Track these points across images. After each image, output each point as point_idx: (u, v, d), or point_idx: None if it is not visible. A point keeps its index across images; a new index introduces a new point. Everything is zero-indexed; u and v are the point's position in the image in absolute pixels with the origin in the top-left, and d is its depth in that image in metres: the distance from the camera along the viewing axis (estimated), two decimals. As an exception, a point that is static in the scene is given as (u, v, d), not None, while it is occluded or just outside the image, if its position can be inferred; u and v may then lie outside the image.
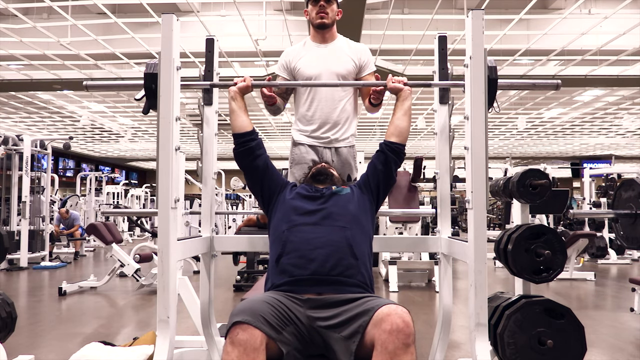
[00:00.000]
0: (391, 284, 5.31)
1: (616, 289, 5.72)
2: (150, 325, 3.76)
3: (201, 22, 7.28)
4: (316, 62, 2.28)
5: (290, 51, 2.36)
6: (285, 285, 1.60)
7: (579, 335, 1.67)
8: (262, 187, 1.90)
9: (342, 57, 2.29)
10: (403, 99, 1.97)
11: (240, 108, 1.95)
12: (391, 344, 1.32)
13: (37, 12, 7.49)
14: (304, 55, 2.30)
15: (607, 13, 6.91)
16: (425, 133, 15.87)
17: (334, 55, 2.29)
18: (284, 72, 2.35)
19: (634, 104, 11.99)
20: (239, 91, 1.96)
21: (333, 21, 2.30)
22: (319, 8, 2.24)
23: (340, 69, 2.27)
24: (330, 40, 2.33)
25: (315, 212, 1.75)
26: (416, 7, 7.62)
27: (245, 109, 1.97)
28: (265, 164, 1.91)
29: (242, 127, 1.93)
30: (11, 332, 2.06)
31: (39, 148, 7.94)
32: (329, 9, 2.25)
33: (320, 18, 2.24)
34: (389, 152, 1.91)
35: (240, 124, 1.93)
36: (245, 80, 1.95)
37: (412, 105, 2.02)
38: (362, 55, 2.33)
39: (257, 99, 11.89)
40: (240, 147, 1.92)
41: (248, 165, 1.91)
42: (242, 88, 1.95)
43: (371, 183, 1.89)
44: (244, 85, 1.95)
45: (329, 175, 1.96)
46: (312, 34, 2.35)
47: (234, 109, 1.95)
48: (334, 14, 2.28)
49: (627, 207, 2.54)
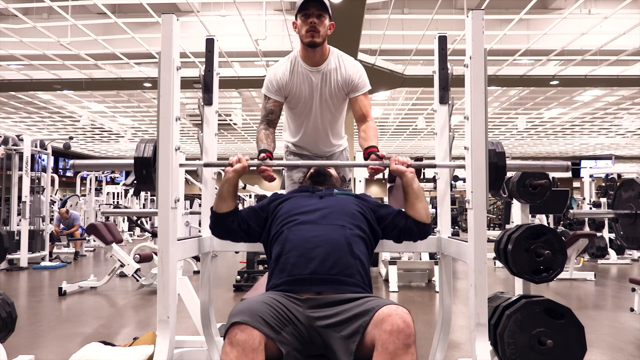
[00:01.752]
0: (391, 284, 5.31)
1: (616, 289, 5.72)
2: (150, 325, 3.76)
3: (201, 22, 7.28)
4: (309, 89, 2.19)
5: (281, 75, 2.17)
6: (285, 285, 1.60)
7: (579, 335, 1.67)
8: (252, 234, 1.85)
9: (333, 81, 2.18)
10: (409, 184, 1.83)
11: (229, 194, 1.82)
12: (392, 345, 1.32)
13: (37, 12, 7.49)
14: (296, 80, 2.18)
15: (607, 13, 6.91)
16: (425, 133, 15.88)
17: (327, 80, 2.18)
18: (277, 95, 2.19)
19: (634, 104, 11.99)
20: (235, 173, 1.83)
21: (324, 38, 2.09)
22: (309, 26, 2.02)
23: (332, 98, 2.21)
24: (322, 61, 2.15)
25: (315, 211, 1.75)
26: (416, 7, 7.62)
27: (235, 193, 1.85)
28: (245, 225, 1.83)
29: (226, 209, 1.82)
30: (11, 332, 2.06)
31: (39, 148, 7.94)
32: (320, 27, 2.03)
33: (310, 37, 2.04)
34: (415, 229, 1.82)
35: (225, 206, 1.82)
36: (240, 161, 1.83)
37: (411, 104, 2.01)
38: (352, 77, 2.18)
39: (257, 99, 11.90)
40: (217, 225, 1.85)
41: (227, 235, 1.86)
42: (238, 170, 1.83)
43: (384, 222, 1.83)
44: (240, 166, 1.83)
45: (328, 176, 1.96)
46: (301, 51, 2.15)
47: (224, 195, 1.82)
48: (326, 30, 2.07)
49: (627, 207, 2.54)
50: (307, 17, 2.03)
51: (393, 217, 1.83)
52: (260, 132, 2.16)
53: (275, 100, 2.20)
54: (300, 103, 2.22)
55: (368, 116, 2.19)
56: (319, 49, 2.10)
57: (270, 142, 2.12)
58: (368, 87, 2.22)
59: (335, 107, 2.25)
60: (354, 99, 2.20)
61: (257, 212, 1.86)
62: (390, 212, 1.84)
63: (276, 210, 1.83)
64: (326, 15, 2.06)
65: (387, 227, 1.83)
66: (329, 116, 2.28)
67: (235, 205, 1.85)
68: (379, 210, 1.85)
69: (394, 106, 12.49)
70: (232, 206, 1.83)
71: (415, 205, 1.82)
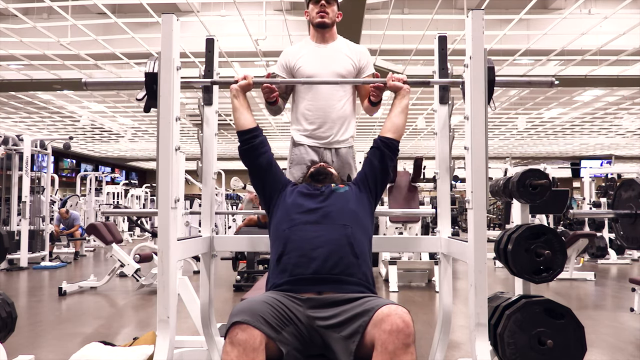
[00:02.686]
0: (391, 284, 5.31)
1: (616, 289, 5.72)
2: (150, 325, 3.76)
3: (201, 22, 7.28)
4: (316, 61, 2.28)
5: (290, 51, 2.36)
6: (286, 285, 1.60)
7: (579, 335, 1.67)
8: (265, 185, 1.90)
9: (341, 58, 2.29)
10: (401, 97, 1.97)
11: (242, 105, 1.95)
12: (391, 344, 1.32)
13: (37, 12, 7.49)
14: (304, 54, 2.31)
15: (607, 13, 6.91)
16: (425, 133, 15.87)
17: (334, 55, 2.29)
18: (284, 72, 2.34)
19: (634, 104, 11.99)
20: (241, 89, 1.95)
21: (333, 22, 2.29)
22: (320, 7, 2.24)
23: (339, 69, 2.27)
24: (330, 41, 2.33)
25: (316, 211, 1.75)
26: (416, 7, 7.62)
27: (248, 106, 1.96)
28: (268, 162, 1.92)
29: (245, 125, 1.93)
30: (11, 332, 2.06)
31: (39, 148, 7.94)
32: (329, 9, 2.25)
33: (320, 17, 2.24)
34: (384, 148, 1.91)
35: (243, 121, 1.93)
36: (246, 78, 1.95)
37: (411, 105, 2.03)
38: (361, 57, 2.33)
39: (257, 99, 11.90)
40: (244, 145, 1.92)
41: (252, 162, 1.92)
42: (243, 85, 1.95)
43: (369, 180, 1.89)
44: (245, 82, 1.94)
45: (328, 175, 1.96)
46: (311, 33, 2.35)
47: (237, 106, 1.94)
48: (334, 15, 2.28)
49: (627, 207, 2.54)
50: (317, 1, 2.25)
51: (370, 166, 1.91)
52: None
53: (283, 77, 2.33)
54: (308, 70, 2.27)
55: None
56: (328, 31, 2.30)
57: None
58: (373, 70, 2.37)
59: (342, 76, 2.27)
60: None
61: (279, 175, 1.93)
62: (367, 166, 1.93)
63: (281, 202, 1.85)
64: (334, 2, 2.28)
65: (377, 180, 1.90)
66: (340, 91, 2.28)
67: (256, 124, 1.95)
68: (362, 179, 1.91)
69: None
70: (252, 122, 1.94)
71: (397, 116, 1.95)
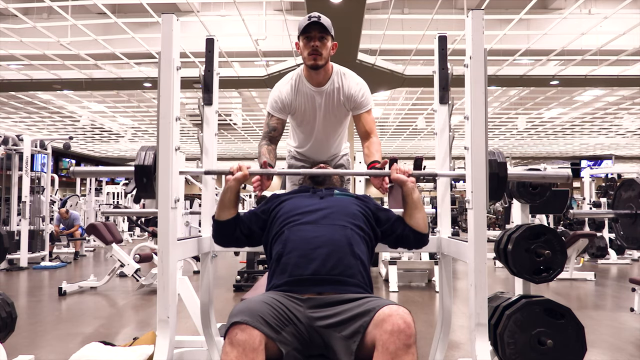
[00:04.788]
0: (391, 284, 5.31)
1: (616, 289, 5.72)
2: (150, 325, 3.76)
3: (201, 22, 7.28)
4: (312, 107, 2.22)
5: (285, 94, 2.19)
6: (286, 285, 1.60)
7: (579, 335, 1.67)
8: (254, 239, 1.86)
9: (336, 100, 2.21)
10: (409, 193, 1.84)
11: (231, 202, 1.83)
12: (392, 345, 1.32)
13: (37, 12, 7.49)
14: (300, 100, 2.21)
15: (607, 13, 6.91)
16: (425, 133, 15.88)
17: (330, 99, 2.21)
18: (280, 113, 2.22)
19: (634, 104, 11.99)
20: (236, 182, 1.82)
21: (327, 60, 2.10)
22: (311, 49, 2.03)
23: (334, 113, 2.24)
24: (325, 81, 2.16)
25: (315, 211, 1.74)
26: (416, 7, 7.62)
27: (237, 201, 1.86)
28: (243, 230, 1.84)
29: (227, 216, 1.83)
30: (11, 332, 2.06)
31: (39, 148, 7.94)
32: (323, 49, 2.04)
33: (313, 60, 2.04)
34: (412, 238, 1.83)
35: (226, 214, 1.83)
36: (241, 169, 1.83)
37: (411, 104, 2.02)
38: (355, 96, 2.19)
39: (257, 99, 11.90)
40: (219, 232, 1.86)
41: (228, 243, 1.87)
42: (239, 178, 1.83)
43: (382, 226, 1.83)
44: (241, 175, 1.82)
45: (328, 176, 1.97)
46: (305, 71, 2.17)
47: (225, 202, 1.83)
48: (328, 52, 2.08)
49: (627, 207, 2.54)
50: (309, 40, 2.03)
51: (392, 223, 1.83)
52: (263, 147, 2.18)
53: (279, 118, 2.22)
54: (305, 120, 2.27)
55: (372, 132, 2.23)
56: (321, 70, 2.11)
57: (272, 158, 2.14)
58: (371, 106, 2.24)
59: (338, 121, 2.30)
60: (357, 116, 2.24)
61: (258, 216, 1.86)
62: (390, 217, 1.85)
63: (276, 209, 1.83)
64: (328, 37, 2.06)
65: (385, 232, 1.84)
66: (332, 130, 2.33)
67: (237, 212, 1.85)
68: (378, 213, 1.85)
69: (394, 106, 12.49)
70: (234, 213, 1.83)
71: (414, 215, 1.83)
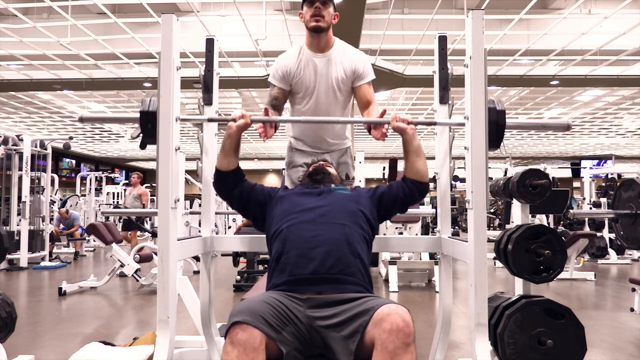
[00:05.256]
0: (391, 284, 5.31)
1: (616, 289, 5.72)
2: (150, 325, 3.76)
3: (201, 22, 7.28)
4: (313, 74, 2.24)
5: (287, 62, 2.25)
6: (285, 285, 1.60)
7: (579, 335, 1.67)
8: (248, 209, 1.90)
9: (338, 68, 2.23)
10: (410, 140, 1.88)
11: (231, 149, 1.86)
12: (391, 344, 1.32)
13: (37, 12, 7.49)
14: (302, 68, 2.24)
15: (607, 13, 6.91)
16: (425, 133, 15.87)
17: (331, 66, 2.23)
18: (282, 82, 2.26)
19: (634, 104, 11.99)
20: (238, 129, 1.86)
21: (329, 25, 2.18)
22: (315, 10, 2.13)
23: (337, 83, 2.24)
24: (327, 48, 2.23)
25: (314, 209, 1.74)
26: (416, 7, 7.62)
27: (237, 149, 1.88)
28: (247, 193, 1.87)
29: (227, 166, 1.87)
30: (11, 332, 2.06)
31: (39, 148, 7.94)
32: (324, 12, 2.14)
33: (315, 21, 2.13)
34: (416, 192, 1.87)
35: (226, 163, 1.86)
36: (244, 117, 1.86)
37: (411, 104, 2.02)
38: (357, 65, 2.25)
39: (257, 99, 11.90)
40: (219, 183, 1.89)
41: (226, 196, 1.90)
42: (241, 125, 1.86)
43: (384, 201, 1.86)
44: (243, 122, 1.86)
45: (327, 174, 1.96)
46: (307, 39, 2.24)
47: (226, 149, 1.86)
48: (330, 18, 2.17)
49: (627, 207, 2.54)
50: (312, 3, 2.13)
51: (391, 190, 1.87)
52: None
53: (280, 88, 2.27)
54: (305, 88, 2.26)
55: (372, 101, 2.25)
56: (323, 35, 2.18)
57: (275, 113, 2.18)
58: (372, 76, 2.28)
59: (340, 93, 2.28)
60: (358, 87, 2.26)
61: (261, 192, 1.88)
62: (387, 188, 1.89)
63: (276, 205, 1.84)
64: (330, 4, 2.16)
65: (388, 204, 1.86)
66: (334, 102, 2.30)
67: (237, 165, 1.89)
68: (376, 193, 1.88)
69: (394, 106, 12.49)
70: (234, 164, 1.87)
71: (415, 162, 1.87)
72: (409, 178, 1.88)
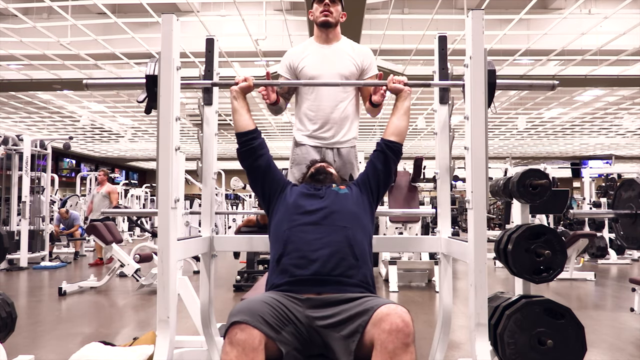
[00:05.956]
0: (391, 284, 5.31)
1: (616, 289, 5.72)
2: (150, 325, 3.76)
3: (201, 22, 7.28)
4: (319, 62, 2.29)
5: (293, 52, 2.37)
6: (286, 285, 1.60)
7: (579, 335, 1.67)
8: (264, 186, 1.90)
9: (344, 58, 2.30)
10: (403, 99, 1.98)
11: (242, 107, 1.95)
12: (391, 344, 1.32)
13: (37, 12, 7.48)
14: (307, 55, 2.32)
15: (607, 13, 6.91)
16: (425, 133, 15.87)
17: (337, 56, 2.30)
18: (287, 72, 2.36)
19: (634, 104, 11.99)
20: (241, 90, 1.95)
21: (337, 22, 2.31)
22: (324, 7, 2.26)
23: (342, 70, 2.28)
24: (334, 41, 2.34)
25: (316, 212, 1.74)
26: (416, 7, 7.61)
27: (248, 108, 1.97)
28: (267, 164, 1.91)
29: (245, 126, 1.93)
30: (11, 332, 2.06)
31: (39, 148, 7.94)
32: (333, 9, 2.27)
33: (324, 16, 2.26)
34: (388, 152, 1.91)
35: (242, 123, 1.93)
36: (247, 80, 1.95)
37: (412, 105, 2.03)
38: (364, 58, 2.34)
39: (257, 99, 11.90)
40: (243, 147, 1.92)
41: (250, 165, 1.92)
42: (243, 87, 1.95)
43: (371, 182, 1.89)
44: (245, 84, 1.94)
45: (328, 174, 1.97)
46: (315, 34, 2.36)
47: (236, 108, 1.95)
48: (338, 15, 2.30)
49: (627, 207, 2.54)
50: (321, 1, 2.27)
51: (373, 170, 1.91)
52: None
53: (286, 78, 2.35)
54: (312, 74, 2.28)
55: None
56: (331, 30, 2.31)
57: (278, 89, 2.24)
58: (376, 71, 2.35)
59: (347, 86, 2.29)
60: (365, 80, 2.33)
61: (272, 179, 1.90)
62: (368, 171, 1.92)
63: (282, 200, 1.85)
64: (338, 2, 2.30)
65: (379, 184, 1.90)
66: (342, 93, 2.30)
67: (254, 124, 1.95)
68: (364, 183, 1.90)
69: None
70: (251, 122, 1.94)
71: (401, 121, 1.96)
72: (385, 139, 1.93)
